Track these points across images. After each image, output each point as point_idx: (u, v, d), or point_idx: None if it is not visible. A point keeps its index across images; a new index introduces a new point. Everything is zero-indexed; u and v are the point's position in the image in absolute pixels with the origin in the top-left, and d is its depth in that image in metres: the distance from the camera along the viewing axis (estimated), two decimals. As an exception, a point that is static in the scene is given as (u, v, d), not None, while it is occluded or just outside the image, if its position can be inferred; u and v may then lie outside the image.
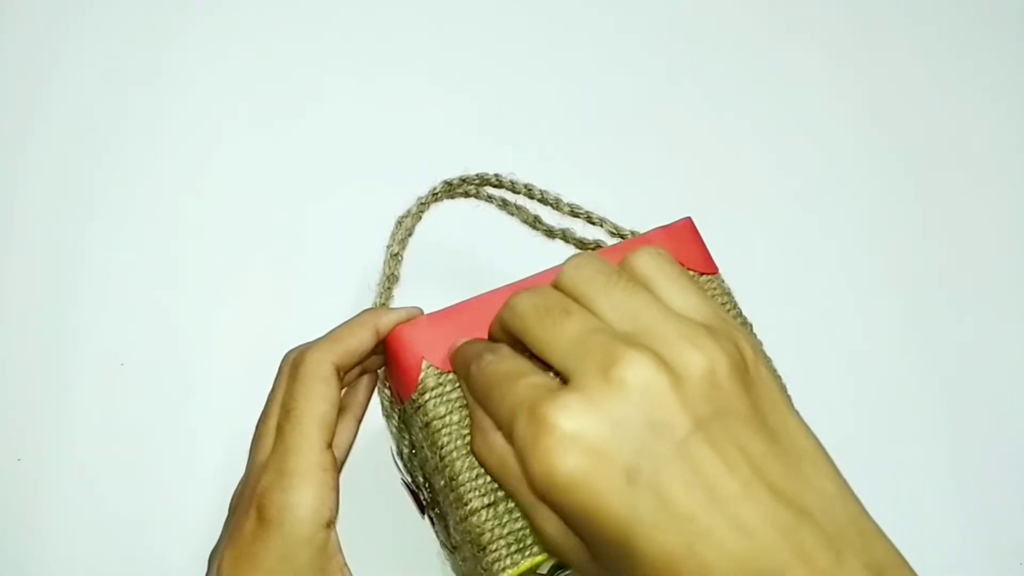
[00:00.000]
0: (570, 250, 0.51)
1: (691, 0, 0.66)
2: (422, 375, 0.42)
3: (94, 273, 0.58)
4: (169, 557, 0.54)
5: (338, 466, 0.41)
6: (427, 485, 0.45)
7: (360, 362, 0.43)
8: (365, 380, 0.47)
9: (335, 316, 0.49)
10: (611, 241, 0.50)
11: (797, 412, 0.33)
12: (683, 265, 0.44)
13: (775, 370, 0.42)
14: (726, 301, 0.45)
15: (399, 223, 0.48)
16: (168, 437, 0.55)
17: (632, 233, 0.49)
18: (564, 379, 0.32)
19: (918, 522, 0.56)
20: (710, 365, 0.30)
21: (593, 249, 0.51)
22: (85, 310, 0.57)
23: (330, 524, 0.39)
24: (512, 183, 0.50)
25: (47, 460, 0.55)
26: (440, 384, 0.42)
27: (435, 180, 0.49)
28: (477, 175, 0.50)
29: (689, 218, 0.46)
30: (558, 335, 0.33)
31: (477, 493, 0.41)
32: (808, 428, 0.32)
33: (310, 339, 0.45)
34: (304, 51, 0.63)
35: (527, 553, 0.40)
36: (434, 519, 0.46)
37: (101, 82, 0.62)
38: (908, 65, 0.66)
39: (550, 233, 0.52)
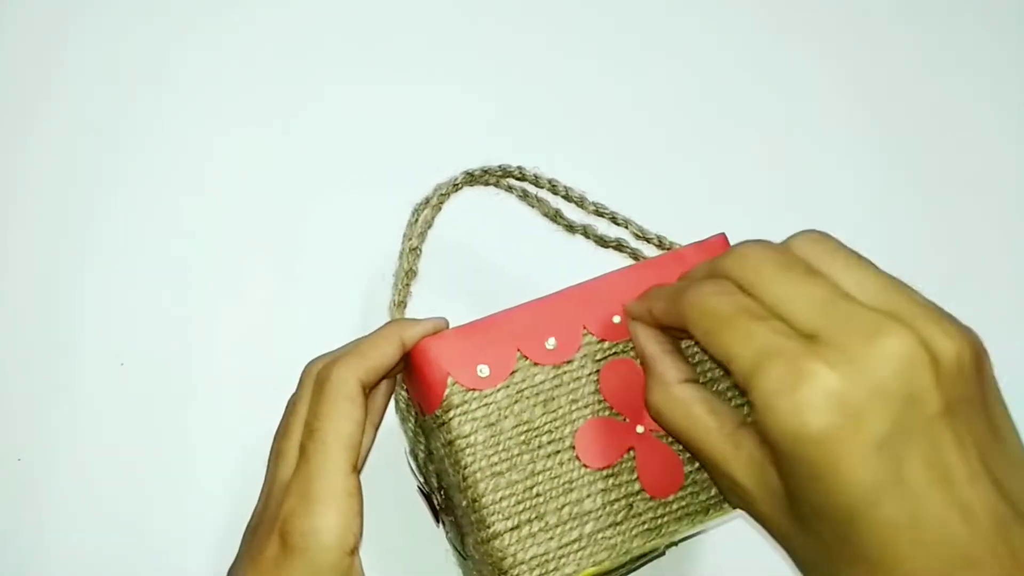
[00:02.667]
0: (590, 247, 0.51)
1: (719, 7, 0.66)
2: (447, 392, 0.41)
3: (94, 273, 0.57)
4: (169, 557, 0.54)
5: (361, 488, 0.40)
6: (441, 490, 0.44)
7: (385, 376, 0.42)
8: (383, 385, 0.45)
9: (340, 315, 0.49)
10: (634, 242, 0.49)
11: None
12: None
13: None
14: None
15: (416, 212, 0.47)
16: (168, 437, 0.55)
17: (658, 237, 0.48)
18: (808, 336, 0.32)
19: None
20: (960, 351, 0.31)
21: (616, 248, 0.50)
22: (85, 310, 0.57)
23: (354, 550, 0.39)
24: (536, 177, 0.49)
25: (47, 460, 0.54)
26: (465, 402, 0.41)
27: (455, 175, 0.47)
28: (500, 166, 0.49)
29: (723, 234, 0.45)
30: (804, 291, 0.32)
31: (500, 516, 0.40)
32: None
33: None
34: (320, 45, 0.62)
35: None
36: (447, 524, 0.45)
37: (102, 82, 0.61)
38: (918, 72, 0.66)
39: (571, 228, 0.51)
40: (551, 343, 0.42)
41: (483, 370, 0.41)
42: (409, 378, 0.44)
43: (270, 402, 0.54)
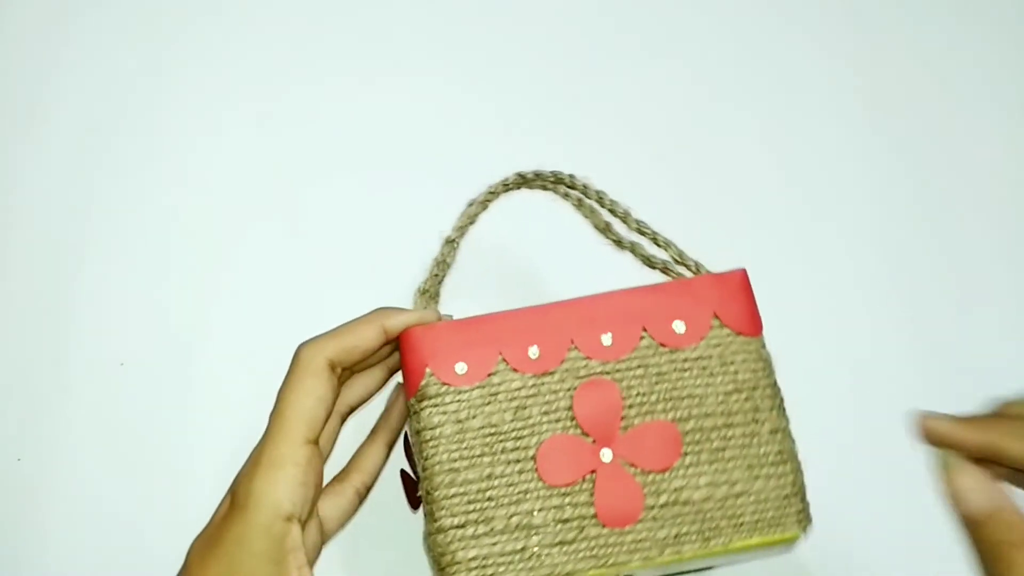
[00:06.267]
0: (637, 265, 0.49)
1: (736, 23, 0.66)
2: (423, 382, 0.42)
3: (94, 273, 0.58)
4: (169, 557, 0.54)
5: (319, 464, 0.41)
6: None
7: (364, 359, 0.43)
8: (399, 404, 0.46)
9: (339, 316, 0.49)
10: (676, 266, 0.48)
11: None
12: (721, 320, 0.43)
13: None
14: (762, 367, 0.43)
15: (468, 207, 0.46)
16: (168, 437, 0.55)
17: (696, 264, 0.47)
18: None
19: (919, 522, 0.56)
20: None
21: (662, 271, 0.49)
22: (85, 310, 0.57)
23: (291, 518, 0.39)
24: (585, 187, 0.48)
25: (47, 460, 0.54)
26: (439, 395, 0.41)
27: (485, 179, 0.47)
28: (552, 172, 0.48)
29: (743, 270, 0.44)
30: None
31: (447, 512, 0.40)
32: None
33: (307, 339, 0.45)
34: (346, 44, 0.63)
35: None
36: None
37: (102, 81, 0.61)
38: (920, 73, 0.66)
39: (619, 244, 0.50)
40: (534, 352, 0.42)
41: (461, 367, 0.42)
42: (400, 362, 0.44)
43: (269, 401, 0.54)
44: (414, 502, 0.46)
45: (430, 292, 0.46)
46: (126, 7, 0.63)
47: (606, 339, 0.42)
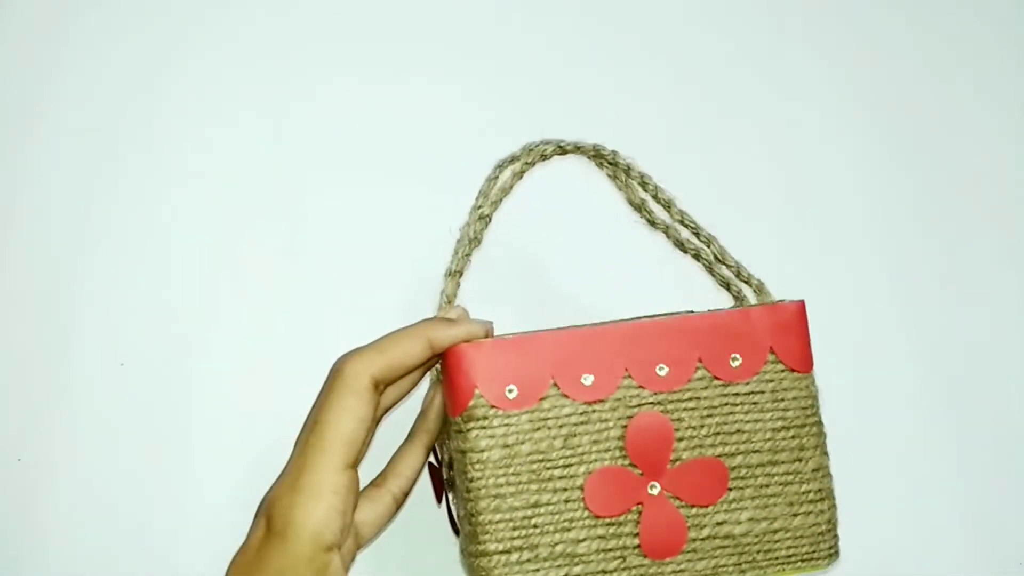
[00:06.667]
0: (669, 247, 0.48)
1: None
2: (472, 403, 0.41)
3: (94, 273, 0.57)
4: (169, 557, 0.54)
5: (357, 487, 0.40)
6: (451, 468, 0.44)
7: (407, 375, 0.42)
8: (436, 406, 0.44)
9: (339, 316, 0.49)
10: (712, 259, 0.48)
11: None
12: (777, 355, 0.43)
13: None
14: (810, 404, 0.43)
15: (498, 169, 0.44)
16: (168, 437, 0.55)
17: (737, 265, 0.46)
18: None
19: (919, 522, 0.56)
20: None
21: (694, 257, 0.48)
22: (85, 310, 0.57)
23: (332, 548, 0.38)
24: (628, 167, 0.46)
25: (47, 460, 0.54)
26: (487, 418, 0.41)
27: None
28: (593, 145, 0.45)
29: (802, 302, 0.44)
30: None
31: (492, 538, 0.40)
32: None
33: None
34: (350, 42, 0.62)
35: None
36: (449, 500, 0.45)
37: (102, 81, 0.61)
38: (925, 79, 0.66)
39: (652, 223, 0.48)
40: (588, 379, 0.41)
41: (512, 391, 0.41)
42: (442, 375, 0.43)
43: (270, 402, 0.54)
44: (440, 494, 0.46)
45: (461, 272, 0.45)
46: (126, 7, 0.62)
47: (661, 370, 0.42)
